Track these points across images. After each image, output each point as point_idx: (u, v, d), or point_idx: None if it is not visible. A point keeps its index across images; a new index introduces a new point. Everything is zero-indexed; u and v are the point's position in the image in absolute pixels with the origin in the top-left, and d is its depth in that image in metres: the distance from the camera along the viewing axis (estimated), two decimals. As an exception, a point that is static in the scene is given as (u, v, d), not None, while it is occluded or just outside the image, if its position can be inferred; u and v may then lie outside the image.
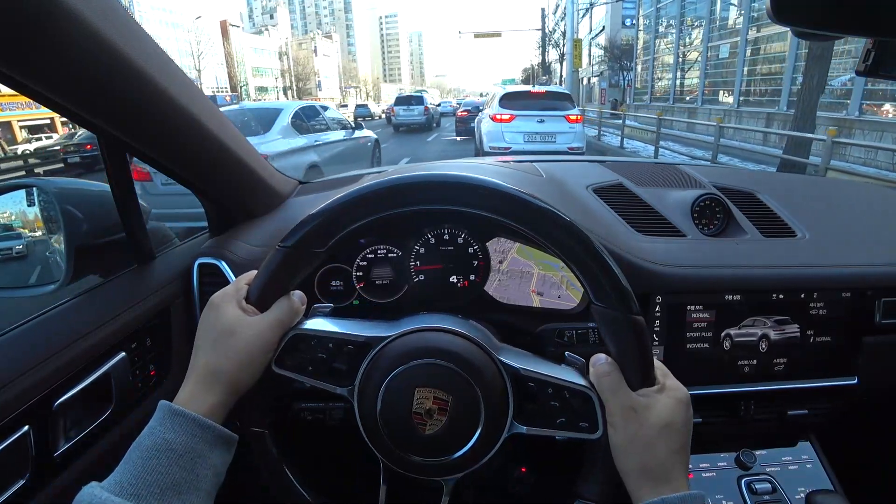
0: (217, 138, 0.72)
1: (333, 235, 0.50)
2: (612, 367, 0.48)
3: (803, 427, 0.85)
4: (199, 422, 0.44)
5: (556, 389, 0.50)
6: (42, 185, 0.73)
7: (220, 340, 0.48)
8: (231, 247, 0.80)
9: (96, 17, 0.47)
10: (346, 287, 0.76)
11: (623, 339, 0.47)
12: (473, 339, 0.52)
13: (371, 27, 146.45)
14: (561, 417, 0.49)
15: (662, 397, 0.47)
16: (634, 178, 1.03)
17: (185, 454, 0.42)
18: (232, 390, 0.47)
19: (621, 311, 0.47)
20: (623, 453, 0.46)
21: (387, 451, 0.51)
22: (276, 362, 0.51)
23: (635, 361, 0.47)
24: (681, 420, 0.46)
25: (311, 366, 0.51)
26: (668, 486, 0.44)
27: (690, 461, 0.63)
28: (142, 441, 0.42)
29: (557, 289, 0.75)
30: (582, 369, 0.51)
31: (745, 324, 0.77)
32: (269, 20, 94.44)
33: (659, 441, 0.45)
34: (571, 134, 7.48)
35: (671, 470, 0.45)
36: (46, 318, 0.61)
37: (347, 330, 0.53)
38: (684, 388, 0.49)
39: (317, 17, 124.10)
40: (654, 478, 0.45)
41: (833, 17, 0.42)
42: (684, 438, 0.46)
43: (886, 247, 0.87)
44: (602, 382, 0.48)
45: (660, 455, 0.45)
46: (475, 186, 0.49)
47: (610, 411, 0.47)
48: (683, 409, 0.47)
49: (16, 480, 0.51)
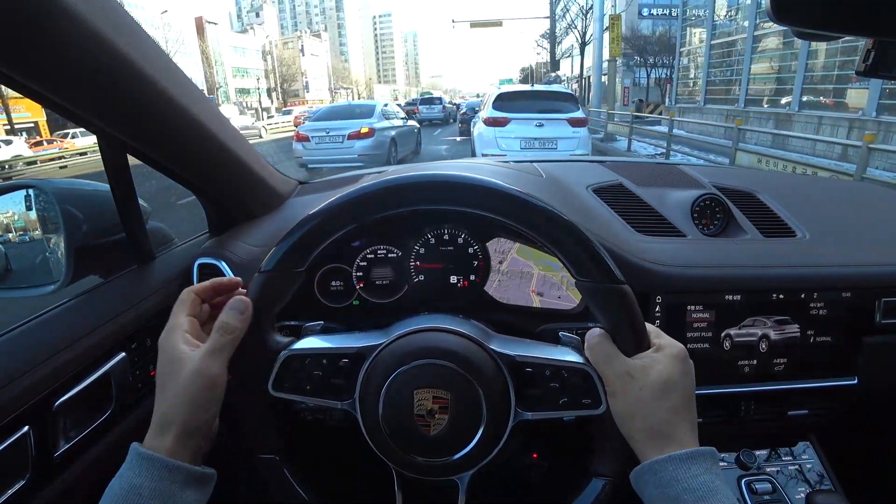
0: (217, 138, 0.72)
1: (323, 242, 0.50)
2: (603, 338, 0.48)
3: (803, 427, 0.85)
4: (168, 464, 0.42)
5: (553, 371, 0.50)
6: (42, 185, 0.73)
7: (165, 387, 0.45)
8: (231, 247, 0.80)
9: (96, 17, 0.47)
10: (346, 287, 0.76)
11: (610, 308, 0.48)
12: (464, 334, 0.52)
13: (364, 26, 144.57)
14: (563, 398, 0.49)
15: (658, 356, 0.47)
16: (634, 178, 1.03)
17: (153, 498, 0.40)
18: (185, 433, 0.44)
19: (604, 281, 0.47)
20: (626, 419, 0.46)
21: (396, 458, 0.51)
22: (273, 386, 0.51)
23: (626, 328, 0.48)
24: (678, 375, 0.46)
25: (309, 385, 0.51)
26: (673, 445, 0.43)
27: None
28: (112, 487, 0.41)
29: (557, 289, 0.75)
30: (578, 347, 0.52)
31: (745, 324, 0.77)
32: (254, 18, 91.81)
33: (659, 401, 0.45)
34: (575, 140, 6.53)
35: (676, 428, 0.44)
36: (46, 318, 0.61)
37: (339, 344, 0.53)
38: (679, 344, 0.48)
39: (307, 15, 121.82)
40: (659, 438, 0.44)
41: (833, 17, 0.42)
42: (685, 394, 0.46)
43: (886, 247, 0.87)
44: (595, 354, 0.48)
45: (662, 415, 0.44)
46: (436, 182, 0.50)
47: (607, 381, 0.47)
48: (680, 365, 0.47)
49: (16, 481, 0.51)
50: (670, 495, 0.41)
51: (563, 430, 0.68)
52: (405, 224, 0.74)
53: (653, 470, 0.43)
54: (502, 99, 6.93)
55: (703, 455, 0.43)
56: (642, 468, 0.44)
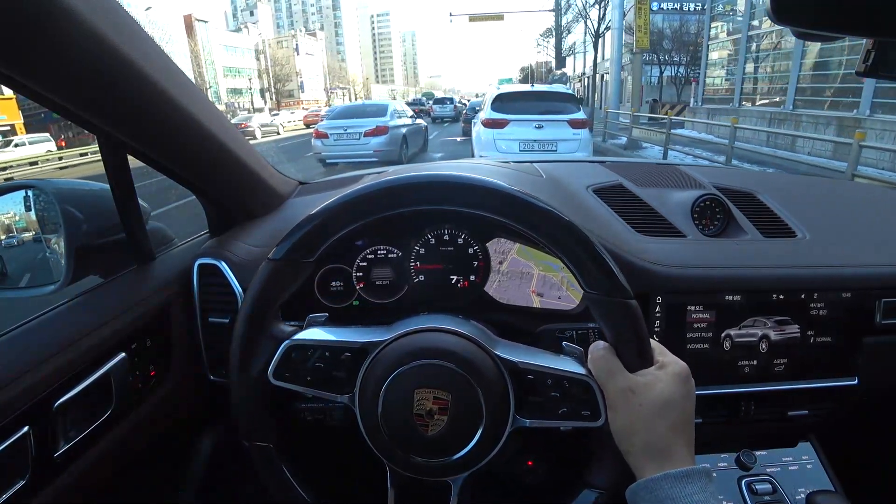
0: (217, 138, 0.72)
1: (331, 237, 0.50)
2: (607, 352, 0.48)
3: (803, 427, 0.85)
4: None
5: (555, 380, 0.50)
6: (42, 185, 0.73)
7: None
8: (231, 247, 0.80)
9: (96, 17, 0.47)
10: (346, 287, 0.76)
11: (616, 323, 0.48)
12: (468, 336, 0.52)
13: (362, 25, 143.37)
14: (563, 408, 0.49)
15: (661, 374, 0.47)
16: (634, 178, 1.03)
17: None
18: None
19: (612, 295, 0.47)
20: (624, 435, 0.46)
21: (392, 456, 0.51)
22: (273, 374, 0.51)
23: (630, 344, 0.48)
24: (679, 395, 0.46)
25: (310, 376, 0.51)
26: (670, 463, 0.43)
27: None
28: None
29: (558, 289, 0.75)
30: (580, 358, 0.52)
31: (745, 324, 0.77)
32: (248, 17, 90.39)
33: (659, 419, 0.45)
34: (575, 142, 6.39)
35: (673, 446, 0.44)
36: (46, 318, 0.61)
37: (343, 337, 0.53)
38: (682, 363, 0.48)
39: (304, 14, 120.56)
40: (656, 455, 0.44)
41: (833, 17, 0.42)
42: (685, 413, 0.46)
43: (886, 247, 0.87)
44: (598, 366, 0.48)
45: (660, 432, 0.45)
46: (438, 183, 0.50)
47: (608, 394, 0.47)
48: (682, 384, 0.47)
49: (16, 481, 0.51)
50: None
51: (560, 440, 0.68)
52: (405, 224, 0.74)
53: (648, 488, 0.43)
54: (501, 100, 6.79)
55: (698, 474, 0.43)
56: (638, 485, 0.44)
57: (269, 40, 75.69)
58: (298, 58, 77.56)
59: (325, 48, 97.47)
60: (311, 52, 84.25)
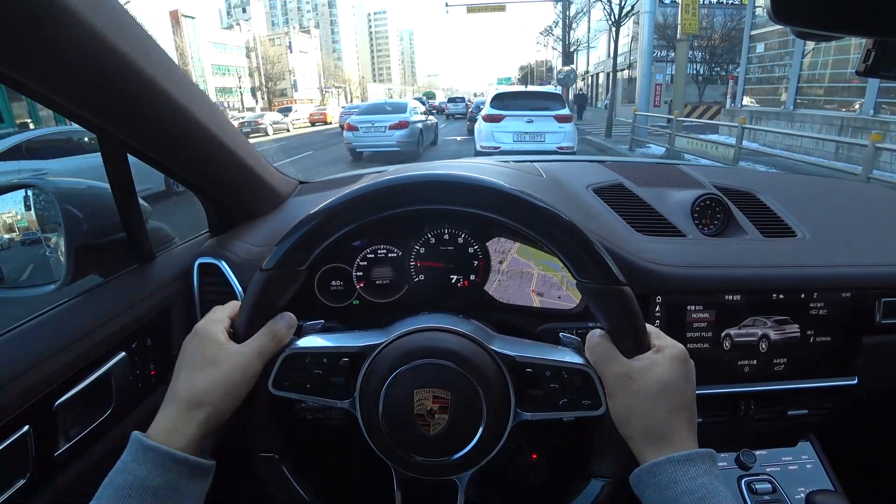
0: (217, 138, 0.72)
1: (328, 239, 0.50)
2: (603, 339, 0.48)
3: (803, 427, 0.85)
4: (175, 456, 0.42)
5: (554, 371, 0.50)
6: (42, 184, 0.73)
7: (203, 369, 0.47)
8: (231, 247, 0.80)
9: (96, 17, 0.47)
10: (346, 287, 0.76)
11: (611, 309, 0.48)
12: (464, 334, 0.52)
13: (359, 24, 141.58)
14: (563, 399, 0.50)
15: (658, 358, 0.47)
16: (634, 178, 1.03)
17: (160, 490, 0.40)
18: (213, 420, 0.46)
19: (605, 282, 0.47)
20: (625, 420, 0.46)
21: (395, 457, 0.51)
22: (273, 384, 0.51)
23: (625, 330, 0.48)
24: (678, 377, 0.46)
25: (310, 383, 0.51)
26: (671, 447, 0.43)
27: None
28: (113, 478, 0.40)
29: (558, 289, 0.75)
30: (578, 348, 0.52)
31: (745, 324, 0.77)
32: (241, 14, 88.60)
33: (658, 402, 0.45)
34: (560, 133, 7.75)
35: (674, 430, 0.44)
36: (46, 318, 0.61)
37: (340, 343, 0.53)
38: (680, 345, 0.48)
39: (299, 12, 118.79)
40: (657, 440, 0.44)
41: (833, 17, 0.42)
42: (685, 396, 0.46)
43: (886, 247, 0.87)
44: (595, 354, 0.48)
45: (660, 416, 0.44)
46: (437, 182, 0.50)
47: (606, 382, 0.47)
48: (680, 366, 0.46)
49: (16, 480, 0.51)
50: (669, 497, 0.41)
51: (562, 431, 0.68)
52: (405, 224, 0.74)
53: (651, 472, 0.43)
54: (498, 99, 8.19)
55: (701, 457, 0.42)
56: (641, 470, 0.44)
57: (262, 38, 73.80)
58: (292, 56, 76.27)
59: (321, 46, 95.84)
60: (305, 50, 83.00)
